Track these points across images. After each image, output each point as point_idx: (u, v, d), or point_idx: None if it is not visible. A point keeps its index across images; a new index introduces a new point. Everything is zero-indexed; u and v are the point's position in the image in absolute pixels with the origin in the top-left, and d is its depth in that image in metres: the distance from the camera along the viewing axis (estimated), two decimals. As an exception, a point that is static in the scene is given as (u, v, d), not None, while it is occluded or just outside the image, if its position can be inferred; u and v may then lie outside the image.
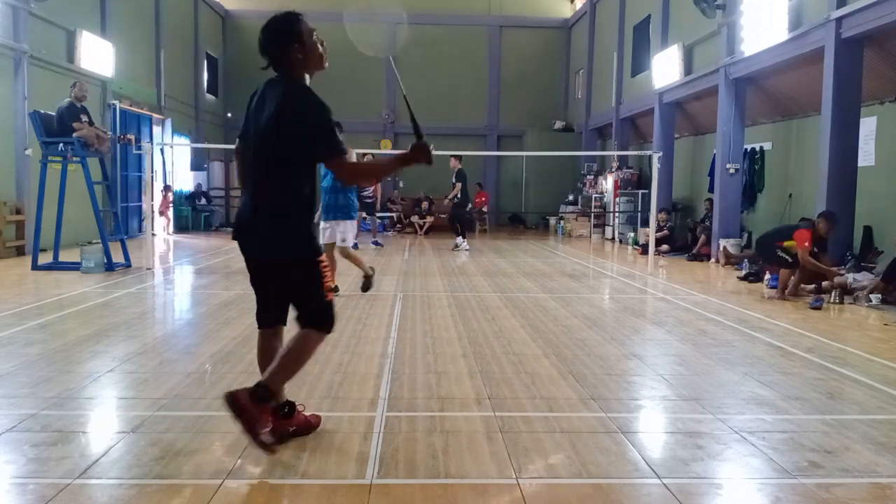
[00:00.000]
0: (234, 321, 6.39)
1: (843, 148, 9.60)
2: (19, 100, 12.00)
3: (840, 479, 3.06)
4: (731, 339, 6.02)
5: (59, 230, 10.05)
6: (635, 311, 7.53)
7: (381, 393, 4.20)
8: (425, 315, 6.83)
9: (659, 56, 15.71)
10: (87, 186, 9.81)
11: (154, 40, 18.24)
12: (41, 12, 12.62)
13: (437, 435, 3.51)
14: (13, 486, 2.86)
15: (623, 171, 18.42)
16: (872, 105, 10.17)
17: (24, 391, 4.11)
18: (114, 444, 3.32)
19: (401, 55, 24.97)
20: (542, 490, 2.91)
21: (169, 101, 18.76)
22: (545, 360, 5.09)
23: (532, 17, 25.25)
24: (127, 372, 4.64)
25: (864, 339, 6.18)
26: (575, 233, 19.86)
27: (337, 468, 3.08)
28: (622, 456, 3.28)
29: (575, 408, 4.00)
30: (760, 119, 13.52)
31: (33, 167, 11.32)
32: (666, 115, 15.93)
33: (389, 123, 24.82)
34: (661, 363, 5.17)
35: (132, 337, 5.65)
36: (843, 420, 3.88)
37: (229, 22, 24.29)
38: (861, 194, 9.71)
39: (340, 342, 5.58)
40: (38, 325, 6.10)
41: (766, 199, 13.47)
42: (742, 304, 7.98)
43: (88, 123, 9.73)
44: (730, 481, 3.09)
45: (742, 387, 4.49)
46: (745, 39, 11.84)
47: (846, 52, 9.45)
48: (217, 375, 4.55)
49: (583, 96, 22.94)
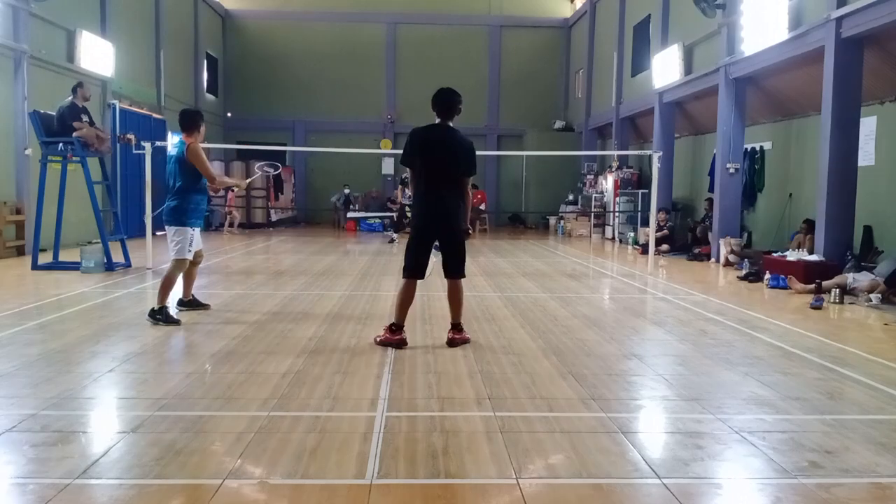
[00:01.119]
0: (234, 321, 6.39)
1: (843, 148, 9.60)
2: (19, 100, 12.00)
3: (840, 479, 3.06)
4: (731, 339, 6.02)
5: (59, 230, 10.05)
6: (635, 311, 7.53)
7: (381, 393, 4.20)
8: (425, 315, 6.82)
9: (659, 56, 15.71)
10: (87, 186, 9.81)
11: (154, 40, 18.24)
12: (41, 12, 12.62)
13: (437, 435, 3.50)
14: (13, 486, 2.86)
15: (623, 171, 18.42)
16: (872, 105, 10.17)
17: (24, 391, 4.11)
18: (114, 444, 3.31)
19: (401, 55, 25.03)
20: (542, 490, 2.91)
21: (169, 101, 18.76)
22: (545, 360, 5.09)
23: (532, 17, 25.27)
24: (127, 372, 4.64)
25: (864, 339, 6.18)
26: (575, 233, 19.87)
27: (337, 468, 3.08)
28: (622, 456, 3.28)
29: (575, 408, 4.00)
30: (760, 119, 13.52)
31: (33, 167, 11.32)
32: (666, 115, 15.93)
33: (389, 123, 24.82)
34: (661, 363, 5.17)
35: (132, 337, 5.64)
36: (843, 420, 3.87)
37: (229, 22, 24.30)
38: (861, 194, 9.70)
39: (340, 342, 5.58)
40: (37, 325, 6.10)
41: (766, 198, 13.47)
42: (742, 304, 7.98)
43: (89, 123, 9.74)
44: (730, 481, 3.09)
45: (742, 387, 4.49)
46: (745, 39, 11.83)
47: (846, 52, 9.45)
48: (217, 375, 4.55)
49: (583, 96, 22.94)
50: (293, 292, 8.23)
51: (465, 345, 5.48)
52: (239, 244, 15.20)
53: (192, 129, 6.50)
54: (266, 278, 9.62)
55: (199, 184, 6.49)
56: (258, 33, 24.46)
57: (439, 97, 5.43)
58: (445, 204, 5.35)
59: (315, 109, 24.43)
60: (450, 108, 5.41)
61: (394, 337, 5.38)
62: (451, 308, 5.57)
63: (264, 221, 21.03)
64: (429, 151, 5.33)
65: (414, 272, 5.41)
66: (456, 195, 5.39)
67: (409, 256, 5.45)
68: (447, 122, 5.41)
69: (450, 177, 5.36)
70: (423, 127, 5.44)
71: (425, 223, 5.42)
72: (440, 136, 5.37)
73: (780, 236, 12.37)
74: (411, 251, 5.45)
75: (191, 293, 6.84)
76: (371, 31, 24.84)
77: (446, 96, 5.42)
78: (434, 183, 5.34)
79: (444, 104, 5.39)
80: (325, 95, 24.51)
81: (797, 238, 10.95)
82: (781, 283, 9.21)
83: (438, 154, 5.32)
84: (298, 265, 11.24)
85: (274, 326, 6.17)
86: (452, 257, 5.46)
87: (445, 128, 5.40)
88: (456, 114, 5.44)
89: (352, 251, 14.25)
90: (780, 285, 9.22)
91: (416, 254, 5.42)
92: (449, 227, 5.40)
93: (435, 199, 5.34)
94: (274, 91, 24.31)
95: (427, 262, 5.48)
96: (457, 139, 5.37)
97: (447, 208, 5.36)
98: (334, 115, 24.43)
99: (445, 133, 5.38)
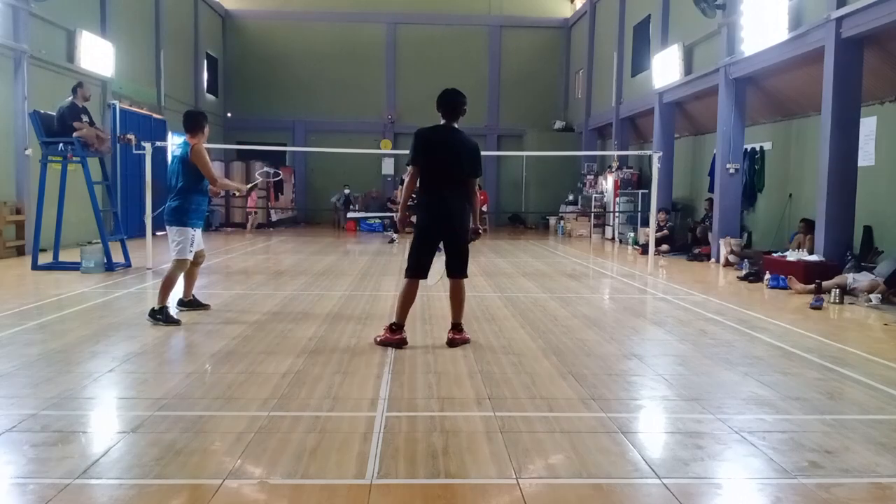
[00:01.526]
0: (234, 321, 6.39)
1: (843, 148, 9.60)
2: (19, 100, 12.00)
3: (840, 479, 3.06)
4: (731, 339, 6.02)
5: (59, 230, 10.05)
6: (635, 311, 7.53)
7: (381, 393, 4.20)
8: (425, 315, 6.82)
9: (659, 56, 15.71)
10: (87, 186, 9.81)
11: (154, 40, 18.24)
12: (41, 12, 12.62)
13: (437, 435, 3.50)
14: (13, 486, 2.86)
15: (623, 171, 18.42)
16: (872, 105, 10.17)
17: (24, 391, 4.11)
18: (114, 444, 3.31)
19: (401, 55, 25.04)
20: (542, 490, 2.91)
21: (169, 101, 18.77)
22: (545, 360, 5.09)
23: (532, 17, 25.27)
24: (127, 372, 4.64)
25: (864, 339, 6.17)
26: (575, 233, 19.87)
27: (337, 468, 3.08)
28: (622, 456, 3.28)
29: (575, 408, 4.00)
30: (760, 119, 13.52)
31: (33, 167, 11.32)
32: (666, 115, 15.93)
33: (389, 123, 24.83)
34: (661, 363, 5.17)
35: (132, 337, 5.64)
36: (843, 420, 3.87)
37: (229, 22, 24.30)
38: (861, 194, 9.70)
39: (340, 342, 5.58)
40: (37, 325, 6.10)
41: (766, 198, 13.47)
42: (742, 304, 7.98)
43: (89, 123, 9.74)
44: (730, 481, 3.09)
45: (742, 387, 4.49)
46: (745, 39, 11.83)
47: (846, 52, 9.45)
48: (217, 375, 4.55)
49: (583, 96, 22.94)
50: (293, 292, 8.23)
51: (465, 345, 5.49)
52: (239, 244, 15.20)
53: (196, 130, 6.52)
54: (266, 278, 9.62)
55: (200, 185, 6.49)
56: (258, 33, 24.46)
57: (444, 98, 5.44)
58: (448, 205, 5.38)
59: (315, 109, 24.43)
60: (454, 108, 5.43)
61: (394, 336, 5.40)
62: (453, 308, 5.60)
63: (264, 221, 21.04)
64: (432, 152, 5.36)
65: (416, 272, 5.45)
66: (460, 196, 5.43)
67: (412, 256, 5.47)
68: (452, 123, 5.45)
69: (453, 178, 5.39)
70: (429, 127, 5.46)
71: (429, 223, 5.45)
72: (444, 137, 5.40)
73: (780, 236, 12.37)
74: (414, 251, 5.47)
75: (191, 293, 6.84)
76: (371, 31, 24.84)
77: (451, 97, 5.44)
78: (437, 184, 5.38)
79: (449, 105, 5.42)
80: (325, 95, 24.51)
81: (797, 238, 10.95)
82: (781, 284, 9.21)
83: (441, 155, 5.35)
84: (298, 265, 11.24)
85: (274, 326, 6.17)
86: (455, 258, 5.49)
87: (450, 129, 5.44)
88: (461, 115, 5.48)
89: (352, 251, 14.25)
90: (780, 285, 9.22)
91: (419, 254, 5.44)
92: (452, 228, 5.43)
93: (438, 200, 5.38)
94: (274, 91, 24.32)
95: (430, 262, 5.50)
96: (461, 140, 5.41)
97: (450, 209, 5.39)
98: (334, 115, 24.43)
99: (449, 134, 5.42)
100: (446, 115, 5.44)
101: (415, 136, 5.42)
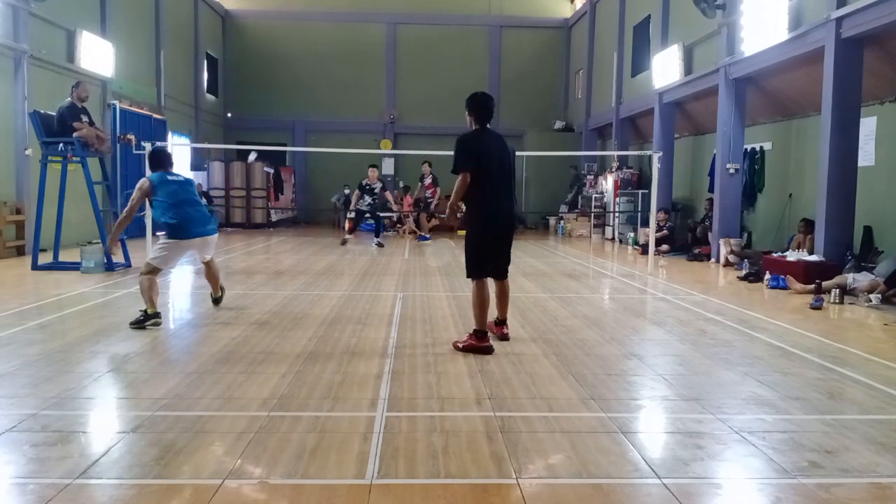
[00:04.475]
0: (234, 321, 6.39)
1: (843, 148, 9.60)
2: (19, 100, 12.01)
3: (840, 479, 3.06)
4: (731, 339, 6.02)
5: (59, 230, 10.05)
6: (635, 311, 7.53)
7: (381, 393, 4.20)
8: (425, 315, 6.82)
9: (659, 56, 15.71)
10: (87, 186, 9.81)
11: (154, 40, 18.25)
12: (41, 12, 12.62)
13: (437, 435, 3.50)
14: (13, 486, 2.86)
15: (623, 171, 18.42)
16: (872, 105, 10.17)
17: (24, 391, 4.11)
18: (114, 444, 3.31)
19: (401, 55, 25.03)
20: (542, 490, 2.91)
21: (169, 101, 18.77)
22: (545, 360, 5.09)
23: (532, 17, 25.26)
24: (127, 372, 4.64)
25: (864, 339, 6.17)
26: (575, 233, 19.87)
27: (337, 468, 3.08)
28: (622, 456, 3.28)
29: (575, 408, 4.00)
30: (760, 119, 13.52)
31: (33, 167, 11.33)
32: (666, 115, 15.93)
33: (389, 123, 24.82)
34: (661, 363, 5.17)
35: (132, 337, 5.64)
36: (843, 420, 3.87)
37: (229, 22, 24.29)
38: (861, 194, 9.71)
39: (340, 342, 5.58)
40: (37, 325, 6.10)
41: (766, 198, 13.47)
42: (742, 304, 7.98)
43: (89, 124, 9.74)
44: (730, 481, 3.09)
45: (742, 387, 4.49)
46: (745, 39, 11.84)
47: (846, 52, 9.45)
48: (217, 375, 4.55)
49: (583, 96, 22.94)
50: (293, 292, 8.23)
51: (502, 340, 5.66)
52: (239, 244, 15.19)
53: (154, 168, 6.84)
54: (266, 278, 9.62)
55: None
56: (258, 33, 24.46)
57: (481, 103, 5.47)
58: (507, 208, 5.47)
59: (315, 109, 24.43)
60: (490, 113, 5.50)
61: (482, 343, 5.30)
62: (503, 306, 5.75)
63: (264, 221, 21.03)
64: (488, 158, 5.35)
65: (483, 272, 5.46)
66: (512, 198, 5.58)
67: (476, 258, 5.43)
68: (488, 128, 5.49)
69: (508, 181, 5.52)
70: (474, 134, 5.44)
71: (492, 228, 5.43)
72: (497, 143, 5.48)
73: (780, 236, 12.37)
74: (478, 253, 5.42)
75: (219, 287, 7.04)
76: (371, 31, 24.83)
77: (488, 102, 5.49)
78: (496, 187, 5.39)
79: (487, 110, 5.47)
80: (325, 95, 24.51)
81: (797, 238, 10.95)
82: (781, 284, 9.21)
83: (497, 159, 5.39)
84: (298, 265, 11.24)
85: (274, 326, 6.17)
86: (506, 258, 5.63)
87: (496, 134, 5.53)
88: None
89: (352, 251, 14.23)
90: (779, 285, 9.22)
91: (484, 255, 5.43)
92: (513, 230, 5.63)
93: (500, 203, 5.41)
94: (274, 91, 24.32)
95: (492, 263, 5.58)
96: (505, 145, 5.53)
97: (509, 213, 5.50)
98: (334, 116, 24.42)
99: (498, 139, 5.52)
100: (481, 119, 5.45)
101: (464, 142, 5.35)
